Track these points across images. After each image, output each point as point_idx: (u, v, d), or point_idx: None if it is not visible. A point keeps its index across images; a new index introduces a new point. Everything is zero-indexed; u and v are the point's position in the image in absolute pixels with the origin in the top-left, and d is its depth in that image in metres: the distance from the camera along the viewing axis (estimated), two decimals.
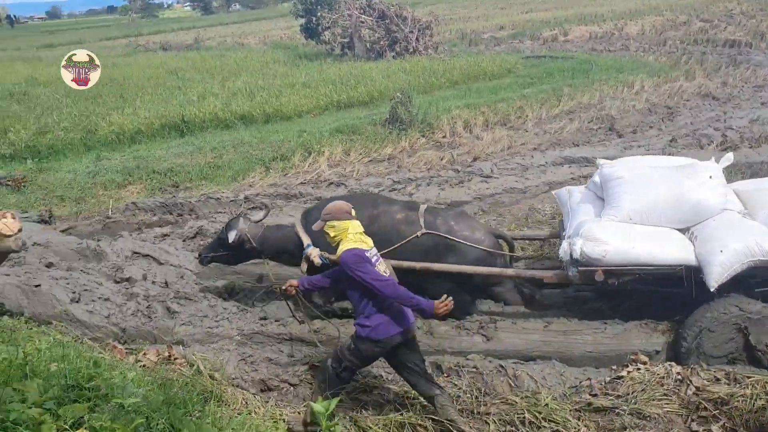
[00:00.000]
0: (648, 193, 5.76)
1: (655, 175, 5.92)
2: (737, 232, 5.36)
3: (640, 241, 5.51)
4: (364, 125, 14.28)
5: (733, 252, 5.17)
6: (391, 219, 6.24)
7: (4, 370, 3.70)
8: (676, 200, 5.67)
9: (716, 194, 5.70)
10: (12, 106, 18.64)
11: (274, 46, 34.41)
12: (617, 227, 5.65)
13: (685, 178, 5.79)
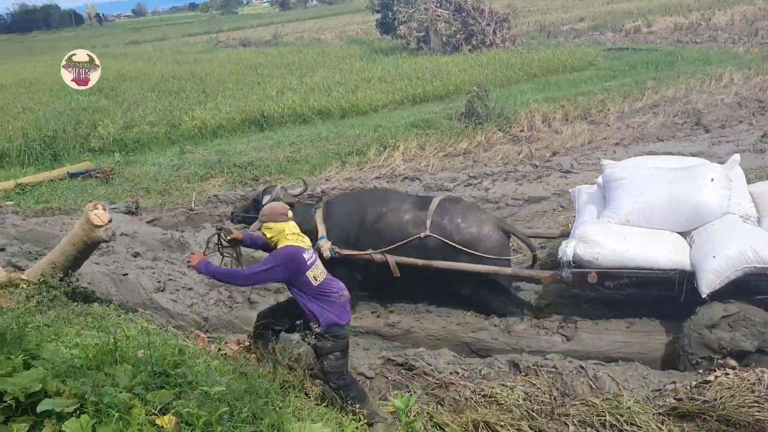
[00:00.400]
0: (646, 195, 5.65)
1: (655, 177, 5.79)
2: (733, 237, 5.19)
3: (634, 243, 5.43)
4: (439, 119, 14.21)
5: (725, 258, 5.03)
6: (399, 219, 6.30)
7: (96, 355, 3.86)
8: (675, 203, 5.56)
9: (717, 197, 5.52)
10: (101, 101, 19.45)
11: (351, 41, 34.67)
12: (613, 229, 5.60)
13: (686, 181, 5.64)
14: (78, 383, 3.17)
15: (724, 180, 5.64)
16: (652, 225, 5.62)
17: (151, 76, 23.91)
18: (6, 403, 2.90)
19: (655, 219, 5.61)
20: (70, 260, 6.06)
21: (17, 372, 3.20)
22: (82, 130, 15.76)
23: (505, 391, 5.06)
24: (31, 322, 4.54)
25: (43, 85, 23.77)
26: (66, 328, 4.74)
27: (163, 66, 27.66)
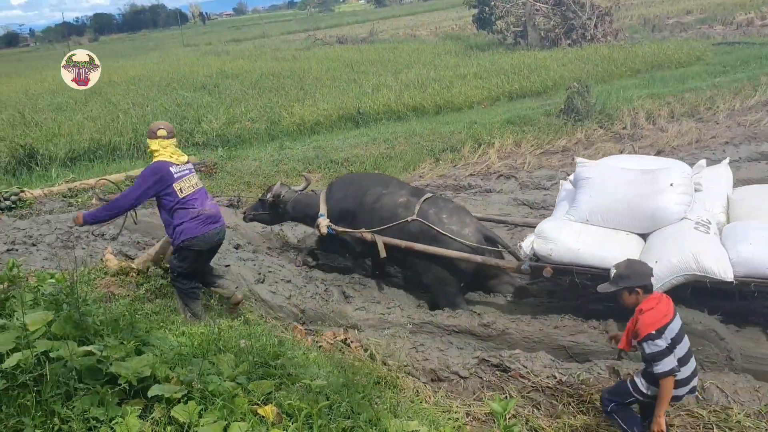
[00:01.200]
0: (607, 195, 5.74)
1: (619, 179, 5.82)
2: (679, 244, 5.18)
3: (587, 242, 5.55)
4: (536, 116, 13.93)
5: (667, 264, 5.09)
6: (393, 201, 6.84)
7: (201, 344, 4.01)
8: (634, 205, 5.61)
9: (674, 202, 5.51)
10: (204, 98, 20.16)
11: (446, 37, 34.51)
12: (570, 227, 5.74)
13: (647, 184, 5.63)
14: (185, 370, 3.30)
15: (685, 185, 5.59)
16: (611, 225, 5.72)
17: (251, 74, 24.60)
18: (120, 386, 3.06)
19: (613, 220, 5.72)
20: None
21: (130, 357, 3.36)
22: (188, 125, 16.39)
23: None
24: (141, 310, 4.78)
25: (151, 81, 24.90)
26: (173, 316, 4.97)
27: (263, 63, 28.42)
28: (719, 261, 4.99)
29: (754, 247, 4.99)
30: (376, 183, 7.20)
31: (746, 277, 4.99)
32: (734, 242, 5.15)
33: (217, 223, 5.73)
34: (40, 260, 7.38)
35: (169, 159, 5.57)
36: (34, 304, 3.98)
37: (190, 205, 5.57)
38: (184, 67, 29.82)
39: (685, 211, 5.52)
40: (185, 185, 5.58)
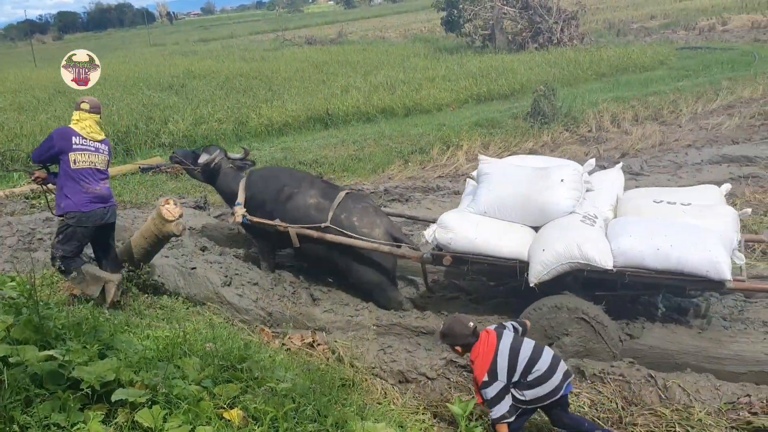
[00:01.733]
0: (503, 190, 6.10)
1: (514, 175, 6.21)
2: (566, 234, 5.51)
3: (483, 233, 5.87)
4: (504, 119, 14.07)
5: (553, 252, 5.42)
6: (304, 202, 6.96)
7: (166, 347, 3.96)
8: (525, 200, 5.95)
9: (563, 197, 5.82)
10: (171, 98, 19.94)
11: (415, 40, 34.67)
12: (470, 219, 6.06)
13: (539, 180, 5.99)
14: (150, 374, 3.25)
15: (575, 182, 5.92)
16: (507, 218, 6.04)
17: (219, 74, 24.40)
18: (83, 391, 3.01)
19: (508, 213, 6.04)
20: (142, 253, 6.25)
21: (93, 361, 3.31)
22: (153, 125, 16.19)
23: (571, 397, 4.96)
24: (104, 313, 4.70)
25: (117, 81, 24.51)
26: (137, 319, 4.90)
27: (231, 64, 28.21)
28: (600, 251, 5.34)
29: (633, 240, 5.36)
30: (290, 180, 7.29)
31: (625, 266, 5.35)
32: (616, 235, 5.51)
33: (105, 203, 5.74)
34: (0, 263, 7.22)
35: (79, 130, 5.68)
36: None
37: (81, 180, 5.62)
38: (151, 66, 29.45)
39: (574, 206, 5.84)
40: (81, 158, 5.64)
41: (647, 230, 5.45)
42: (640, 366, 5.26)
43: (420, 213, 8.60)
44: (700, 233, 5.37)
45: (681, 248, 5.21)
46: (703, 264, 5.13)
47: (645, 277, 5.40)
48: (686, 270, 5.20)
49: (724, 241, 5.29)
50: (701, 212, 5.79)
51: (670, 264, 5.22)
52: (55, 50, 61.91)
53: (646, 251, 5.28)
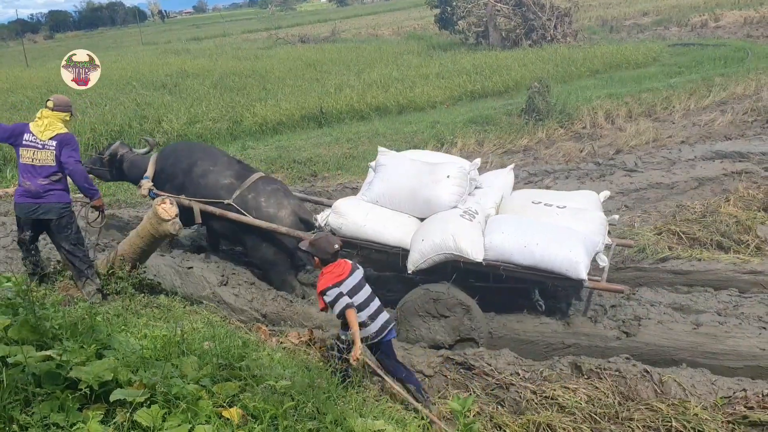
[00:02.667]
0: (394, 182, 6.46)
1: (407, 168, 6.57)
2: (444, 226, 5.87)
3: (373, 221, 6.25)
4: (498, 116, 14.08)
5: (431, 242, 5.80)
6: (217, 181, 7.20)
7: (163, 346, 3.95)
8: (414, 192, 6.33)
9: (448, 192, 6.22)
10: (165, 97, 19.85)
11: (408, 37, 34.62)
12: (362, 206, 6.43)
13: (428, 174, 6.37)
14: (148, 374, 3.24)
15: (459, 179, 6.30)
16: (396, 208, 6.43)
17: (213, 73, 24.31)
18: (81, 391, 3.00)
19: (398, 203, 6.42)
20: (138, 252, 6.25)
21: (90, 361, 3.30)
22: (148, 125, 16.12)
23: (567, 393, 4.98)
24: (101, 313, 4.69)
25: (109, 80, 24.34)
26: (134, 319, 4.88)
27: (225, 62, 28.11)
28: (473, 244, 5.73)
29: (503, 236, 5.78)
30: (206, 157, 7.47)
31: (495, 260, 5.77)
32: (490, 231, 5.93)
33: (35, 198, 5.96)
34: None
35: (33, 127, 6.00)
36: None
37: (22, 173, 6.00)
38: (144, 65, 29.31)
39: (457, 201, 6.23)
40: (25, 154, 5.96)
41: (517, 229, 5.84)
42: (636, 362, 5.29)
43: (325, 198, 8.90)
44: (564, 234, 5.75)
45: (545, 247, 5.59)
46: (563, 263, 5.51)
47: (513, 271, 5.77)
48: (548, 267, 5.58)
49: (586, 243, 5.69)
50: (573, 215, 6.16)
51: (534, 260, 5.61)
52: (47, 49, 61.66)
53: (514, 247, 5.67)
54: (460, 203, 6.24)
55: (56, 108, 6.08)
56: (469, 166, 6.52)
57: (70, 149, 6.05)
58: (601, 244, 5.91)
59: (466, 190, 6.35)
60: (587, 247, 5.67)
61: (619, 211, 8.51)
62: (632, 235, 7.45)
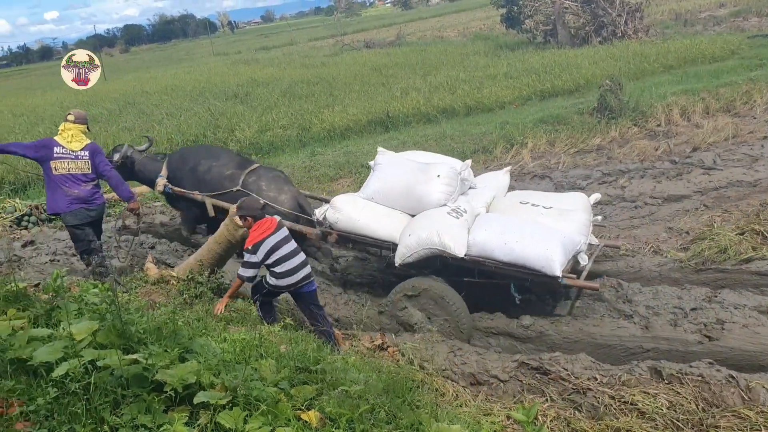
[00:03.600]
0: (389, 180, 6.84)
1: (402, 167, 6.92)
2: (431, 223, 6.20)
3: (367, 216, 6.61)
4: (569, 115, 13.80)
5: (417, 237, 6.15)
6: (220, 173, 7.78)
7: (243, 349, 4.04)
8: (407, 190, 6.69)
9: (438, 191, 6.54)
10: (237, 106, 20.36)
11: (474, 38, 34.39)
12: (357, 202, 6.77)
13: (421, 174, 6.70)
14: (230, 377, 3.32)
15: (450, 178, 6.61)
16: (390, 205, 6.77)
17: (281, 81, 24.78)
18: (166, 393, 3.10)
19: (392, 200, 6.77)
20: (216, 258, 6.42)
21: (174, 364, 3.40)
22: (221, 134, 16.58)
23: (647, 398, 4.84)
24: (183, 317, 4.84)
25: (183, 91, 25.22)
26: (213, 322, 5.02)
27: (293, 71, 28.61)
28: (456, 240, 6.04)
29: (487, 234, 6.07)
30: (210, 155, 8.13)
31: (477, 256, 6.06)
32: (475, 229, 6.22)
33: (88, 203, 6.60)
34: (81, 269, 7.53)
35: (61, 140, 6.54)
36: (78, 314, 4.05)
37: (64, 184, 6.48)
38: (215, 76, 30.16)
39: (446, 200, 6.54)
40: (60, 166, 6.48)
41: (501, 227, 6.14)
42: (720, 367, 5.09)
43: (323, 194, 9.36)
44: (544, 233, 6.00)
45: (524, 244, 5.84)
46: (539, 260, 5.75)
47: (495, 267, 6.04)
48: (525, 263, 5.83)
49: (565, 242, 5.90)
50: (557, 215, 6.42)
51: (513, 257, 5.87)
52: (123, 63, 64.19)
53: (496, 244, 5.96)
54: (450, 201, 6.56)
55: (77, 121, 6.68)
56: (460, 167, 6.80)
57: (102, 156, 6.80)
58: (584, 244, 6.17)
59: (455, 189, 6.65)
60: (566, 245, 5.89)
61: (697, 210, 8.22)
62: (712, 236, 7.18)
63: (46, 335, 3.61)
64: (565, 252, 5.83)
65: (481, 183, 7.28)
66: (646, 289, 6.38)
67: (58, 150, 6.48)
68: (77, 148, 6.56)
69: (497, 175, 7.62)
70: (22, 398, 3.01)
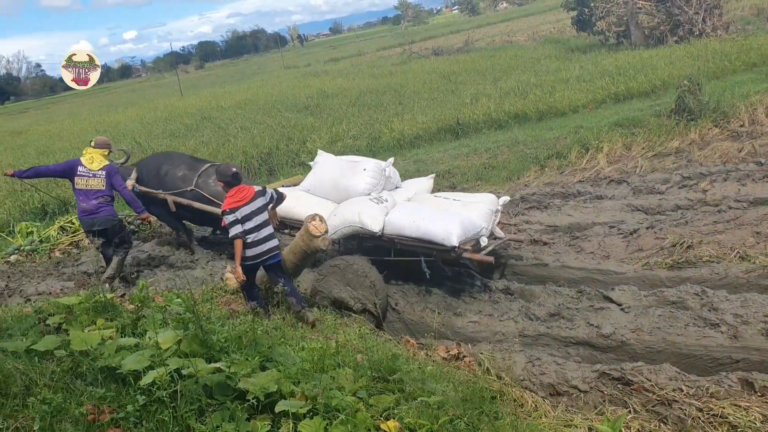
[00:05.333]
0: (322, 175, 8.16)
1: (334, 164, 8.23)
2: (354, 205, 7.31)
3: (301, 205, 7.66)
4: (646, 117, 13.37)
5: (341, 217, 7.27)
6: (174, 175, 8.93)
7: (320, 358, 4.07)
8: (337, 182, 7.92)
9: (363, 183, 7.70)
10: (308, 118, 20.69)
11: (544, 42, 33.88)
12: (294, 193, 7.94)
13: (349, 169, 7.93)
14: (309, 386, 3.35)
15: (374, 172, 7.80)
16: (323, 196, 7.98)
17: (350, 92, 25.03)
18: (249, 401, 3.15)
19: (324, 191, 8.02)
20: (291, 268, 6.51)
21: (255, 373, 3.46)
22: (293, 146, 16.87)
23: (739, 411, 4.61)
24: (261, 326, 4.92)
25: (256, 105, 25.80)
26: (291, 331, 5.08)
27: (361, 81, 28.87)
28: (373, 219, 7.07)
29: (400, 215, 7.11)
30: (166, 160, 9.33)
31: (392, 234, 7.06)
32: (391, 212, 7.23)
33: (91, 215, 7.77)
34: (163, 280, 7.78)
35: (84, 161, 7.75)
36: (163, 323, 4.18)
37: (79, 197, 7.77)
38: (286, 89, 30.75)
39: (370, 190, 7.68)
40: (80, 182, 7.72)
41: (412, 210, 7.21)
42: None
43: None
44: (446, 214, 7.04)
45: (429, 222, 6.84)
46: (439, 233, 6.69)
47: (406, 243, 7.01)
48: (430, 238, 6.76)
49: (464, 222, 6.86)
50: (462, 206, 7.43)
51: (420, 233, 6.84)
52: (198, 79, 66.25)
53: (406, 223, 6.97)
54: (374, 192, 7.67)
55: (97, 146, 7.86)
56: (384, 164, 7.96)
57: (118, 177, 7.91)
58: (485, 229, 7.15)
59: (379, 183, 7.80)
60: (464, 225, 6.81)
61: None
62: None
63: (133, 344, 3.73)
64: (463, 229, 6.75)
65: (406, 185, 8.45)
66: (733, 297, 6.08)
67: (81, 169, 7.73)
68: (96, 168, 7.77)
69: (422, 179, 8.71)
70: (113, 405, 3.11)
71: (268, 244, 6.23)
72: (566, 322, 6.29)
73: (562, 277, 7.41)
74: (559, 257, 7.78)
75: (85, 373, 3.47)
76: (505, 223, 8.99)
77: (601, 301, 6.68)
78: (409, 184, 8.50)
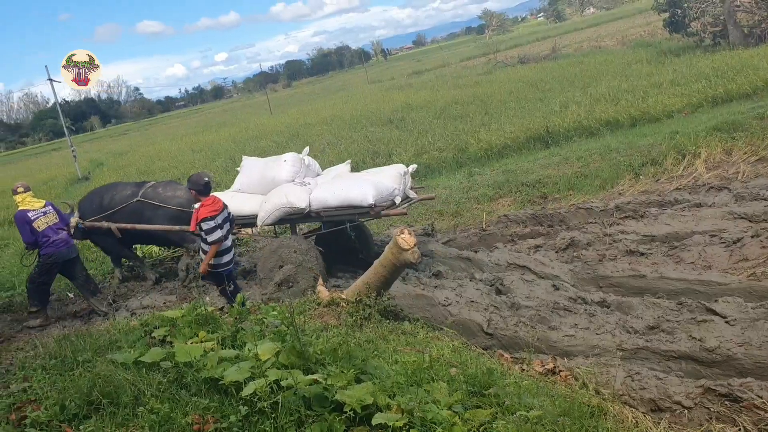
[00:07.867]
0: (249, 174, 9.21)
1: (257, 163, 9.39)
2: (281, 191, 8.41)
3: (235, 203, 8.37)
4: (747, 120, 12.72)
5: (271, 203, 8.34)
6: (122, 195, 9.68)
7: (414, 372, 4.07)
8: (262, 177, 8.96)
9: (285, 172, 8.77)
10: (393, 132, 20.84)
11: (635, 45, 32.93)
12: (227, 195, 8.65)
13: (271, 163, 9.10)
14: (405, 399, 3.36)
15: (295, 162, 8.91)
16: (252, 191, 8.95)
17: (435, 104, 25.06)
18: (346, 414, 3.18)
19: (253, 188, 9.00)
20: (381, 281, 6.54)
21: (351, 385, 3.49)
22: (380, 159, 16.99)
23: None
24: (354, 338, 4.97)
25: (342, 120, 26.24)
26: (383, 344, 5.10)
27: (446, 92, 28.86)
28: (299, 198, 8.20)
29: (322, 190, 8.28)
30: (106, 190, 10.07)
31: (318, 208, 8.22)
32: (315, 190, 8.34)
33: (66, 244, 8.53)
34: (258, 294, 7.99)
35: (27, 207, 8.28)
36: (260, 335, 4.29)
37: (48, 236, 8.28)
38: (371, 103, 31.11)
39: (293, 178, 8.73)
40: (41, 223, 8.27)
41: (331, 183, 8.42)
42: None
43: None
44: (360, 180, 8.26)
45: (347, 190, 8.03)
46: (357, 196, 7.92)
47: (331, 214, 8.24)
48: (349, 202, 7.97)
49: (377, 185, 8.05)
50: (374, 174, 8.63)
51: (340, 200, 8.03)
52: (286, 97, 68.03)
53: (328, 195, 8.15)
54: (297, 178, 8.70)
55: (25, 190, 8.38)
56: (302, 154, 9.22)
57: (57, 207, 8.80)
58: (398, 191, 8.29)
59: (300, 170, 8.85)
60: (377, 187, 8.00)
61: None
62: None
63: (234, 356, 3.85)
64: (376, 190, 7.94)
65: (326, 171, 9.55)
66: None
67: (31, 214, 8.26)
68: (40, 206, 8.43)
69: (339, 165, 9.78)
70: (216, 415, 3.21)
71: (231, 253, 7.23)
72: (666, 335, 6.03)
73: (660, 289, 7.12)
74: (657, 268, 7.49)
75: (189, 383, 3.61)
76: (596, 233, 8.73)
77: (703, 313, 6.36)
78: (328, 170, 9.62)
